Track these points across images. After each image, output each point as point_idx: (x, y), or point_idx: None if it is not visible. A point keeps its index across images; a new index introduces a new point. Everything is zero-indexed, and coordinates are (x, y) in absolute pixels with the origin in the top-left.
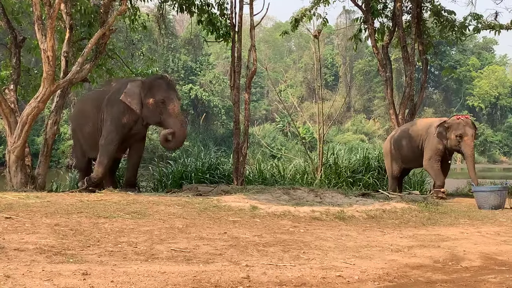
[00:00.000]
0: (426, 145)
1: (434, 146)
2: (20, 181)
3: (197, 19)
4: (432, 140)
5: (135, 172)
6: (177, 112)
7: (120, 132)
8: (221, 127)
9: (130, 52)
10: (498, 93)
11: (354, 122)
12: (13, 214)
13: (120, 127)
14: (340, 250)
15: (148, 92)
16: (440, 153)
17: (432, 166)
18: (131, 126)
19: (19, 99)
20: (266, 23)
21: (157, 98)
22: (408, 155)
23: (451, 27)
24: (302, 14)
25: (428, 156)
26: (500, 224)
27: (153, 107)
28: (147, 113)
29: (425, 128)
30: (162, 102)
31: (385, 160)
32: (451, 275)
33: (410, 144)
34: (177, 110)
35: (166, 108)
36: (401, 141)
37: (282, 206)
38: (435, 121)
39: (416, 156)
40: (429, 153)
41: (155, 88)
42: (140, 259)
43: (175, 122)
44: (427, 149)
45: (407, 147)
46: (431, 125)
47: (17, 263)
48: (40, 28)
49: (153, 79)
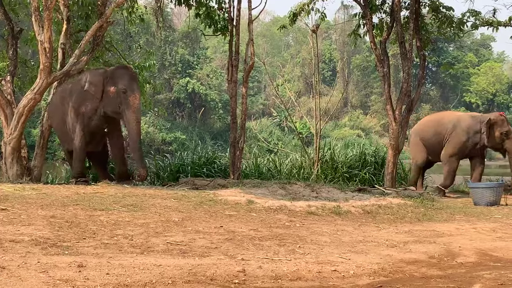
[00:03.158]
0: (451, 140)
1: (460, 142)
2: (16, 172)
3: (195, 13)
4: (458, 135)
5: (123, 163)
6: (136, 106)
7: (81, 122)
8: (218, 121)
9: (127, 45)
10: (495, 89)
11: (351, 118)
12: (9, 205)
13: (81, 117)
14: (335, 245)
15: (111, 79)
16: (465, 150)
17: (451, 164)
18: (90, 116)
19: (16, 91)
20: (264, 18)
21: (119, 87)
22: (433, 147)
23: (449, 23)
24: (300, 9)
25: (451, 152)
26: (496, 221)
27: (113, 95)
28: (106, 101)
29: (452, 122)
30: (124, 92)
31: (411, 149)
32: (446, 270)
33: (435, 137)
34: (137, 104)
35: (127, 99)
36: (426, 132)
37: (278, 201)
38: (462, 115)
39: (440, 150)
40: (452, 149)
41: (118, 77)
42: (136, 251)
43: (130, 118)
44: (451, 144)
45: (432, 139)
46: (459, 119)
47: (13, 255)
48: (37, 20)
49: (116, 68)
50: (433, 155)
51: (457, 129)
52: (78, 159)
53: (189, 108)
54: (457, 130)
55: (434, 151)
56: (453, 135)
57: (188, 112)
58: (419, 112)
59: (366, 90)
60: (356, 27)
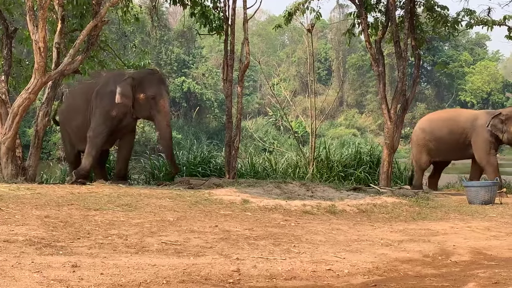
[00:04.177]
0: (476, 138)
1: (487, 139)
2: (11, 172)
3: (190, 12)
4: (483, 133)
5: (125, 164)
6: (166, 110)
7: (109, 125)
8: (213, 120)
9: (122, 44)
10: (490, 88)
11: (347, 117)
12: (3, 205)
13: (109, 120)
14: (330, 244)
15: (139, 87)
16: (494, 146)
17: (492, 162)
18: (121, 119)
19: (10, 90)
20: (260, 17)
21: (148, 94)
22: (447, 147)
23: (444, 22)
24: (296, 8)
25: (485, 151)
26: (490, 219)
27: (143, 102)
28: (137, 107)
29: (470, 120)
30: (153, 98)
31: (413, 151)
32: (441, 269)
33: (450, 136)
34: (167, 107)
35: (157, 104)
36: (439, 131)
37: (274, 200)
38: (479, 113)
39: (457, 149)
40: (484, 147)
41: (146, 83)
42: (131, 251)
43: (161, 122)
44: (480, 143)
45: (445, 138)
46: (477, 117)
47: (7, 255)
48: (31, 19)
49: (144, 74)
50: (445, 154)
51: (477, 128)
52: (92, 157)
53: (184, 107)
54: (477, 128)
55: (448, 151)
56: (476, 134)
57: (184, 111)
58: (414, 111)
59: (361, 89)
60: (351, 26)
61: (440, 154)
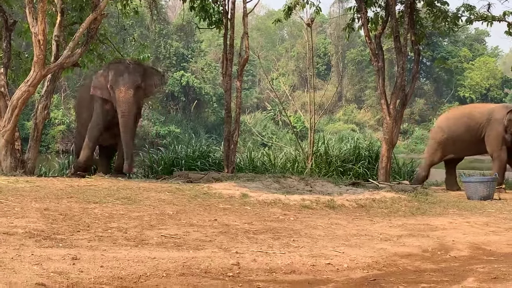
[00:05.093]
0: (489, 133)
1: (500, 133)
2: (10, 165)
3: (190, 5)
4: (497, 128)
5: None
6: (121, 99)
7: (104, 117)
8: (212, 114)
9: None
10: (489, 84)
11: (346, 112)
12: (3, 198)
13: (104, 113)
14: (329, 238)
15: (107, 77)
16: (506, 142)
17: (502, 157)
18: (114, 113)
19: (10, 83)
20: (259, 11)
21: (109, 84)
22: (463, 144)
23: (444, 17)
24: (295, 2)
25: (497, 145)
26: (489, 215)
27: (112, 93)
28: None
29: (486, 114)
30: (111, 87)
31: (428, 147)
32: (440, 264)
33: (467, 132)
34: (122, 96)
35: (115, 93)
36: (453, 129)
37: (273, 194)
38: (496, 107)
39: (472, 145)
40: (496, 141)
41: (110, 74)
42: (130, 244)
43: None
44: (493, 136)
45: (462, 135)
46: (493, 111)
47: (6, 247)
48: (31, 12)
49: (113, 65)
50: (461, 151)
51: (492, 122)
52: (88, 148)
53: (183, 101)
54: (492, 122)
55: (464, 147)
56: (490, 128)
57: (183, 105)
58: (413, 107)
59: (360, 84)
60: (351, 21)
61: (456, 151)
